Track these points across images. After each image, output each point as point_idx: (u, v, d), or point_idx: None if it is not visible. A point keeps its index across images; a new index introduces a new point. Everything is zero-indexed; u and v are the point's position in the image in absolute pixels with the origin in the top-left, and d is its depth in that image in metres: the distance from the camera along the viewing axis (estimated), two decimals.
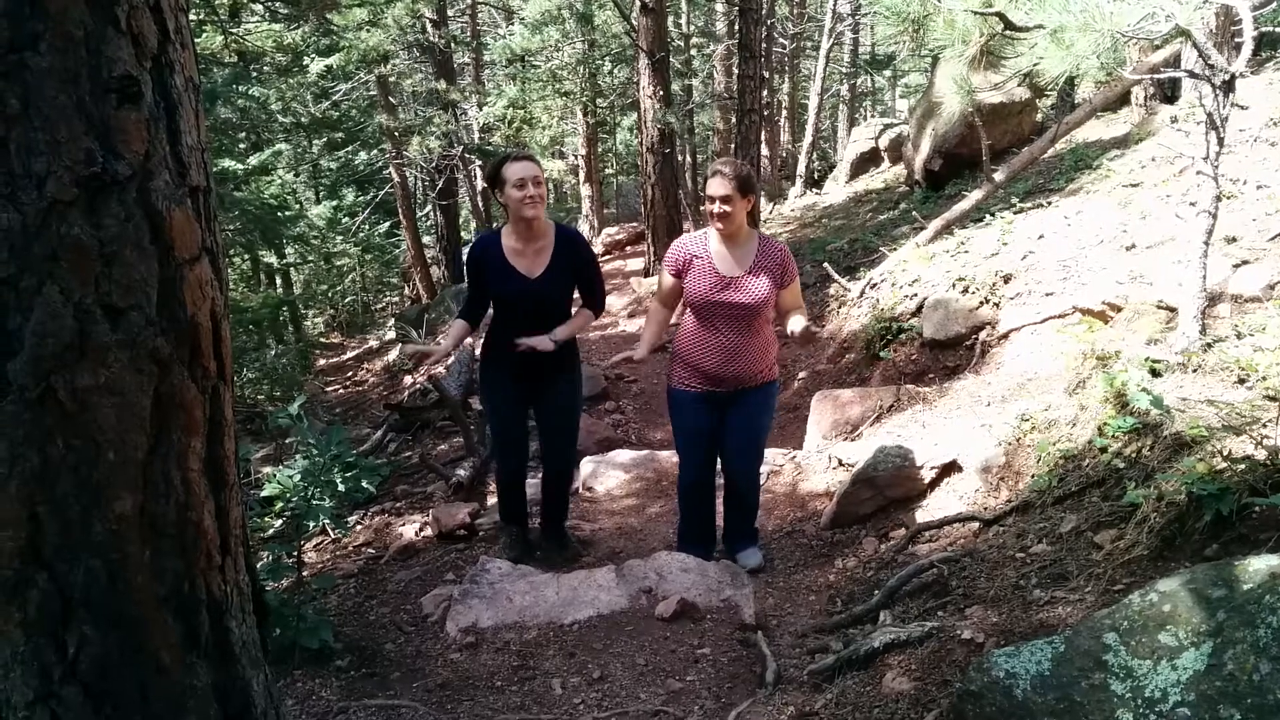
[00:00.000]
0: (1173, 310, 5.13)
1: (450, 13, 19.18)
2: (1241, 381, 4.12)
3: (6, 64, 1.63)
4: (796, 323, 4.44)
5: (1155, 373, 4.36)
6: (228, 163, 11.03)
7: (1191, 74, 4.89)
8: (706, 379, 4.60)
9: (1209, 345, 4.44)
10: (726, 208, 4.37)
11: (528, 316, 4.66)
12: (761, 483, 5.91)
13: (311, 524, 4.29)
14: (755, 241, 4.54)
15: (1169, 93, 11.49)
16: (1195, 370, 4.31)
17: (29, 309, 1.70)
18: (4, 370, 1.71)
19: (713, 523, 5.05)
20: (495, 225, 4.86)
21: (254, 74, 13.44)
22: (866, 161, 20.13)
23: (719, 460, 4.86)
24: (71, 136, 1.69)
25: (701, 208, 4.62)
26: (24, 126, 1.65)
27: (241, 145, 14.18)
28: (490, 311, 4.85)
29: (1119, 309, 5.70)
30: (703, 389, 4.63)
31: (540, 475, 5.24)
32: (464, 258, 4.91)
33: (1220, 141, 4.44)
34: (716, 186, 4.38)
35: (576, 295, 4.83)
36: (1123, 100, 11.84)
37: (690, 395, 4.67)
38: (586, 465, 6.68)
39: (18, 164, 1.66)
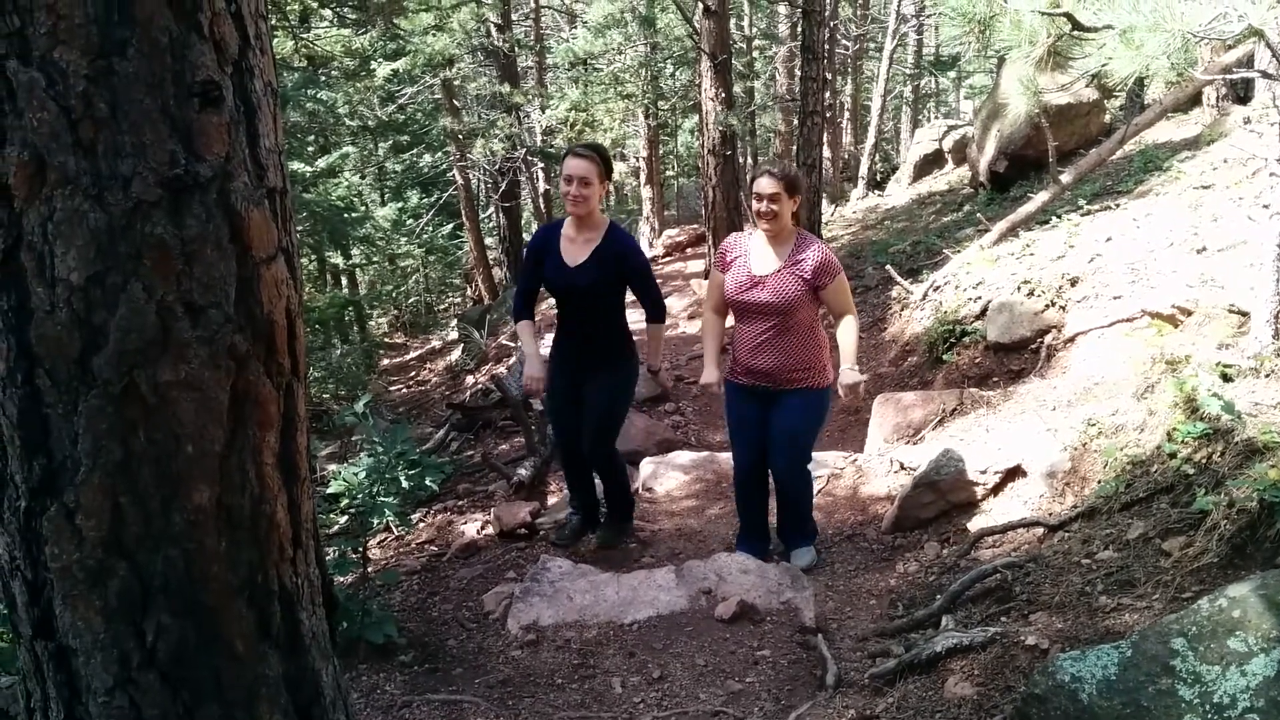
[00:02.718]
0: (1244, 314, 5.02)
1: (514, 17, 19.35)
2: None
3: (95, 69, 1.68)
4: (844, 375, 4.58)
5: (1226, 377, 4.28)
6: (297, 165, 11.24)
7: (1265, 74, 4.79)
8: (747, 372, 4.70)
9: None
10: (774, 206, 4.43)
11: (570, 305, 4.83)
12: (821, 486, 5.90)
13: (376, 521, 4.36)
14: (793, 241, 4.57)
15: (1242, 93, 11.23)
16: (1268, 375, 4.22)
17: (114, 305, 1.75)
18: (89, 365, 1.76)
19: (765, 520, 5.09)
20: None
21: (323, 78, 13.67)
22: (930, 163, 19.91)
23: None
24: (156, 139, 1.74)
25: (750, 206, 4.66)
26: (111, 129, 1.71)
27: (310, 148, 14.44)
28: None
29: (1189, 313, 5.60)
30: (745, 382, 4.73)
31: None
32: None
33: None
34: (765, 185, 4.45)
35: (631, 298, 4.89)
36: (1194, 101, 11.60)
37: (734, 386, 4.79)
38: (646, 466, 6.70)
39: (105, 166, 1.71)
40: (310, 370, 11.46)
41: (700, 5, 13.11)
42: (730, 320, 4.87)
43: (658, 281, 5.01)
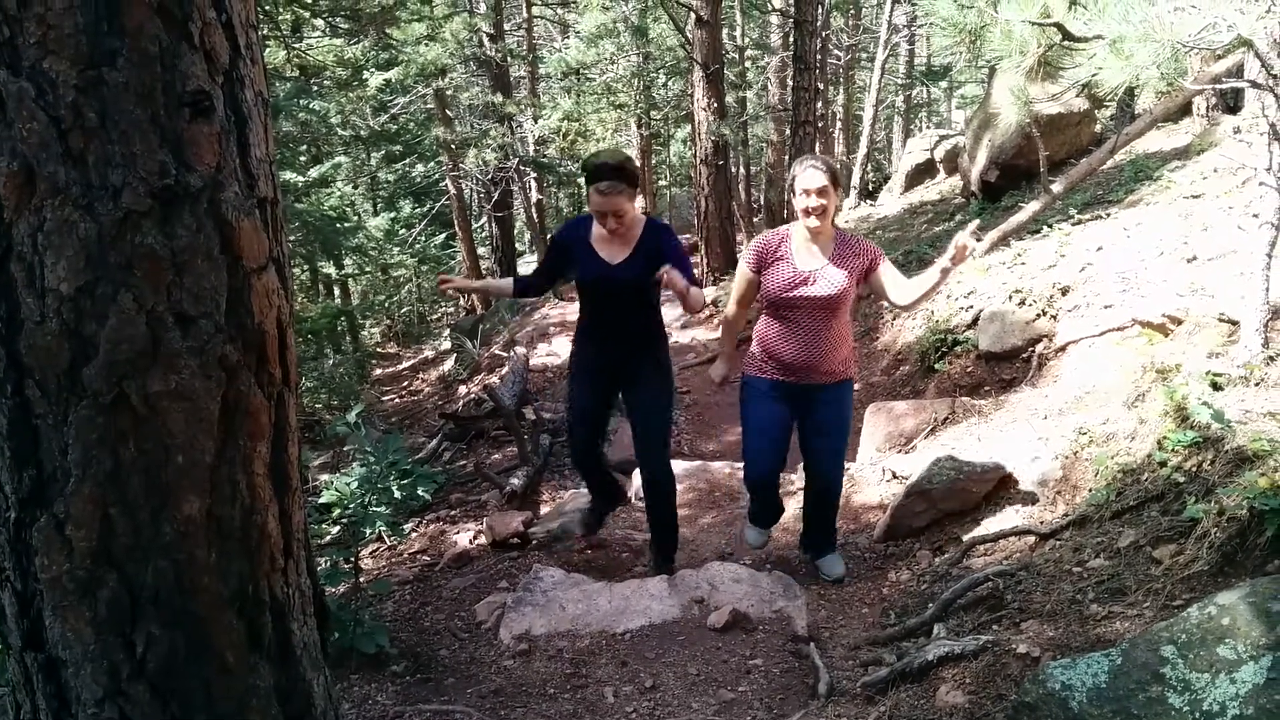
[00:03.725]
0: (1235, 323, 5.04)
1: (507, 27, 19.41)
2: None
3: (85, 79, 1.69)
4: (961, 236, 3.98)
5: (1216, 386, 4.29)
6: (289, 175, 11.25)
7: (1254, 84, 4.81)
8: (782, 368, 4.46)
9: (1272, 358, 4.36)
10: (823, 201, 4.19)
11: (607, 302, 4.60)
12: None
13: (368, 531, 4.35)
14: (834, 237, 4.39)
15: (1231, 103, 11.28)
16: (1258, 384, 4.23)
17: (104, 316, 1.75)
18: (79, 375, 1.76)
19: (779, 500, 4.97)
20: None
21: (315, 88, 13.67)
22: (922, 173, 19.97)
23: (802, 463, 4.78)
24: (146, 149, 1.74)
25: (792, 208, 4.45)
26: (101, 139, 1.71)
27: (302, 158, 14.44)
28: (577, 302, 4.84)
29: (1179, 322, 5.61)
30: (776, 378, 4.49)
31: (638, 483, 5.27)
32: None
33: None
34: (813, 178, 4.19)
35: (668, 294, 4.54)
36: (1184, 111, 11.65)
37: (764, 383, 4.53)
38: (639, 475, 6.70)
39: (95, 175, 1.72)
40: (302, 380, 11.47)
41: (692, 15, 13.16)
42: (768, 319, 4.57)
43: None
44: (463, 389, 12.25)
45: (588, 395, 4.86)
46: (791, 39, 13.89)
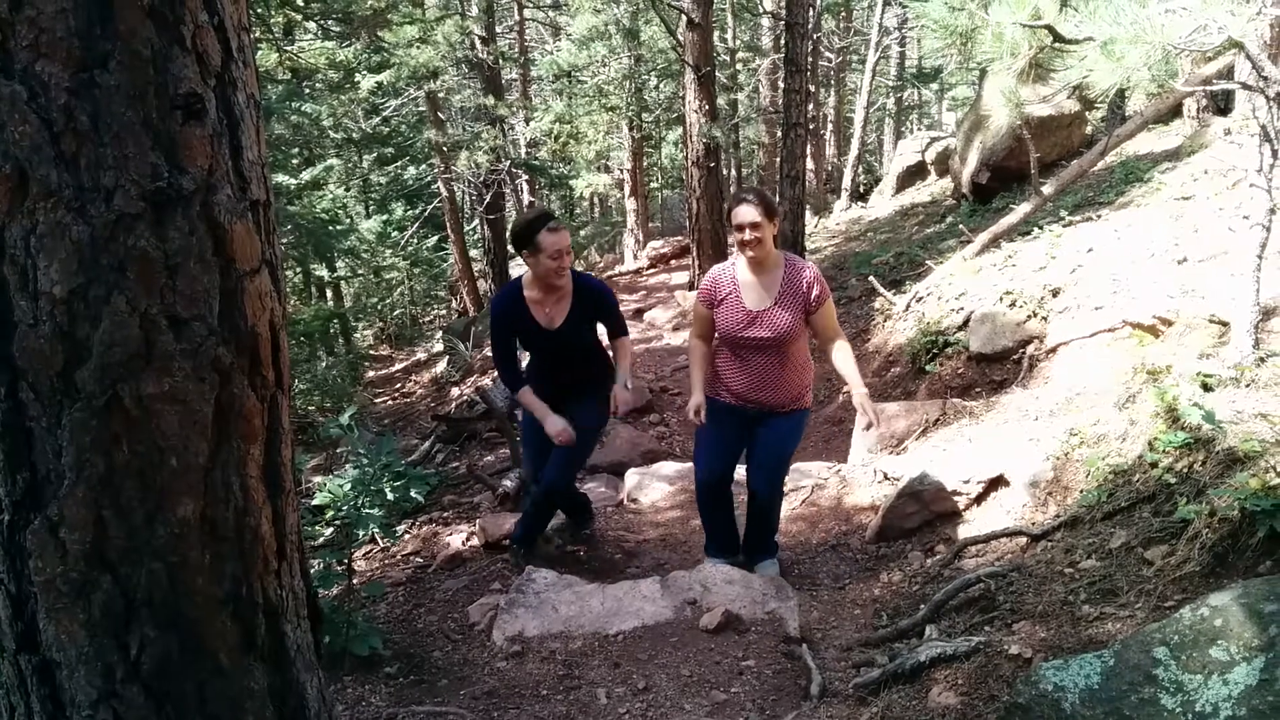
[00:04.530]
0: (1225, 324, 5.06)
1: (498, 29, 19.38)
2: None
3: (77, 82, 1.69)
4: (861, 401, 4.42)
5: (1207, 387, 4.31)
6: (281, 178, 11.23)
7: (1245, 86, 4.83)
8: (735, 395, 4.62)
9: (1262, 359, 4.38)
10: (757, 234, 4.31)
11: (553, 358, 4.87)
12: (805, 496, 5.92)
13: (361, 533, 4.34)
14: (782, 268, 4.48)
15: (1222, 105, 11.33)
16: (1248, 385, 4.25)
17: (97, 319, 1.75)
18: (73, 378, 1.76)
19: (734, 531, 5.03)
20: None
21: (307, 90, 13.66)
22: (913, 175, 20.01)
23: (744, 473, 4.85)
24: (139, 152, 1.74)
25: (730, 239, 4.58)
26: (93, 142, 1.71)
27: (294, 160, 14.41)
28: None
29: (1170, 323, 5.63)
30: (730, 401, 4.64)
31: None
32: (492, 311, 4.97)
33: (1274, 154, 4.39)
34: (745, 213, 4.31)
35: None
36: (1175, 112, 11.70)
37: (719, 404, 4.66)
38: (631, 477, 6.70)
39: (87, 178, 1.72)
40: (295, 382, 11.45)
41: (683, 18, 13.17)
42: (723, 351, 4.72)
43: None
44: (455, 391, 12.25)
45: (546, 444, 4.92)
46: (783, 41, 13.91)
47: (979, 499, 5.06)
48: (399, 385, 15.85)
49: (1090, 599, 3.47)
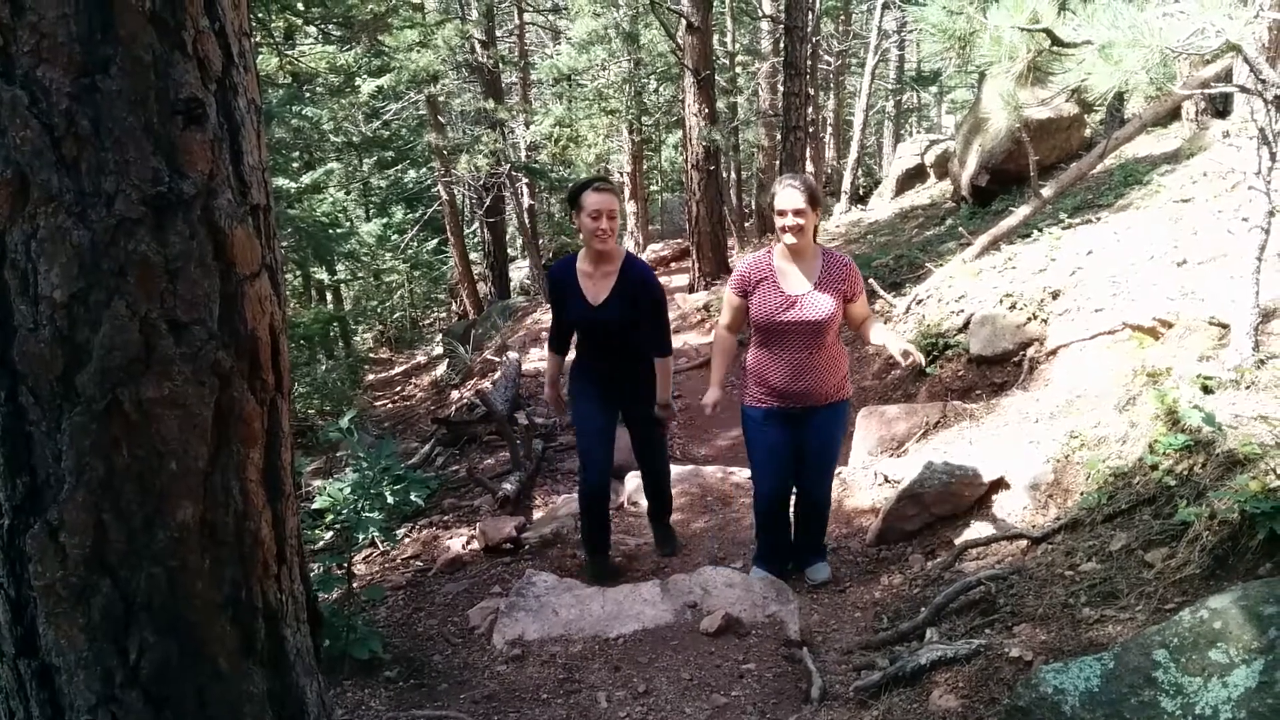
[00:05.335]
0: (1225, 327, 5.06)
1: (498, 33, 19.43)
2: None
3: (78, 87, 1.69)
4: (894, 344, 4.39)
5: (1207, 389, 4.31)
6: (281, 181, 11.22)
7: (1243, 89, 4.84)
8: (777, 395, 4.55)
9: (1262, 362, 4.38)
10: (800, 220, 4.29)
11: (596, 338, 4.86)
12: None
13: (361, 536, 4.34)
14: (820, 257, 4.48)
15: (1220, 107, 11.33)
16: (1248, 387, 4.25)
17: (97, 323, 1.75)
18: (73, 382, 1.77)
19: (789, 540, 5.02)
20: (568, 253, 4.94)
21: (307, 94, 13.67)
22: (912, 177, 19.99)
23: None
24: (140, 157, 1.75)
25: (773, 224, 4.53)
26: (94, 147, 1.71)
27: (295, 164, 14.42)
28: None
29: (1170, 325, 5.63)
30: (773, 405, 4.58)
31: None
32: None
33: (1273, 156, 4.39)
34: (791, 199, 4.29)
35: None
36: (1173, 115, 11.69)
37: (761, 412, 4.62)
38: (631, 480, 6.70)
39: (88, 183, 1.72)
40: (295, 386, 11.43)
41: (683, 21, 13.19)
42: (759, 345, 4.66)
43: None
44: (455, 394, 12.23)
45: (602, 445, 5.01)
46: (782, 45, 13.94)
47: (980, 501, 5.06)
48: (399, 388, 15.84)
49: (1090, 601, 3.47)
